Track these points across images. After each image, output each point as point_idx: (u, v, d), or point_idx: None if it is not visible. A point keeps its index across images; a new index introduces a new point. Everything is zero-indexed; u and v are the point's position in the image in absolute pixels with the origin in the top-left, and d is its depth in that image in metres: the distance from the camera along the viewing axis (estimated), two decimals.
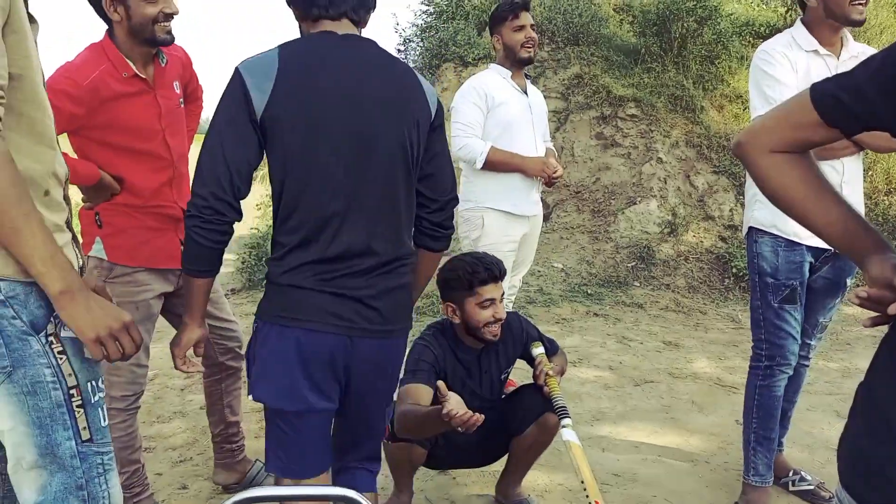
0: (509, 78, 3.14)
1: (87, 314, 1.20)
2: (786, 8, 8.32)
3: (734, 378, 3.96)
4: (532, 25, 3.08)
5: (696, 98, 7.02)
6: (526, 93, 3.17)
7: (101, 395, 1.33)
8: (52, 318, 1.24)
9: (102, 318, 1.22)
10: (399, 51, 9.49)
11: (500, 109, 3.05)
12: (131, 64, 2.08)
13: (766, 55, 2.31)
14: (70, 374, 1.26)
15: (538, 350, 2.37)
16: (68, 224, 1.35)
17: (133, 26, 2.04)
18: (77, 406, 1.27)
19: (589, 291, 5.63)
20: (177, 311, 2.33)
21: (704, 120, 6.86)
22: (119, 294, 2.11)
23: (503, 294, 2.31)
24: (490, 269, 2.24)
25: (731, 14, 7.93)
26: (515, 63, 3.12)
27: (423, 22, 9.78)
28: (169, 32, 2.09)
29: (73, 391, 1.27)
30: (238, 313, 5.47)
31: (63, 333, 1.26)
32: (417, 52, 9.16)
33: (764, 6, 9.10)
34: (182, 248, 1.60)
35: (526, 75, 3.26)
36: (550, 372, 2.26)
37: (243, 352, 2.45)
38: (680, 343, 4.62)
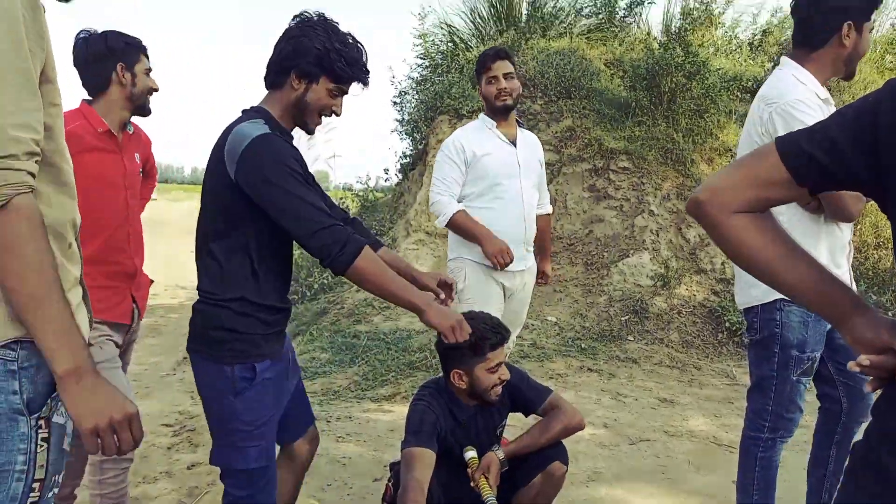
0: (494, 128, 3.08)
1: (90, 400, 1.11)
2: (773, 63, 8.53)
3: (731, 437, 3.91)
4: (508, 74, 3.01)
5: (686, 151, 7.12)
6: (515, 143, 3.10)
7: (56, 490, 1.22)
8: (49, 400, 1.16)
9: (106, 407, 1.13)
10: (395, 103, 9.64)
11: (481, 162, 3.01)
12: (107, 122, 2.29)
13: (802, 105, 2.09)
14: (41, 466, 1.15)
15: (469, 454, 2.31)
16: (80, 279, 1.31)
17: (134, 93, 2.31)
18: (31, 503, 1.15)
19: (583, 346, 5.60)
20: None
21: (695, 173, 6.95)
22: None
23: (507, 355, 2.30)
24: (499, 333, 2.23)
25: (720, 69, 8.11)
26: (496, 113, 3.07)
27: (418, 75, 9.97)
28: (149, 104, 2.40)
29: (35, 485, 1.15)
30: None
31: (55, 419, 1.17)
32: (413, 105, 9.30)
33: (751, 61, 9.32)
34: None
35: (519, 123, 3.18)
36: (478, 477, 2.22)
37: None
38: (675, 400, 4.58)
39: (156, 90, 2.39)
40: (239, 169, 1.74)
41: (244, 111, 1.92)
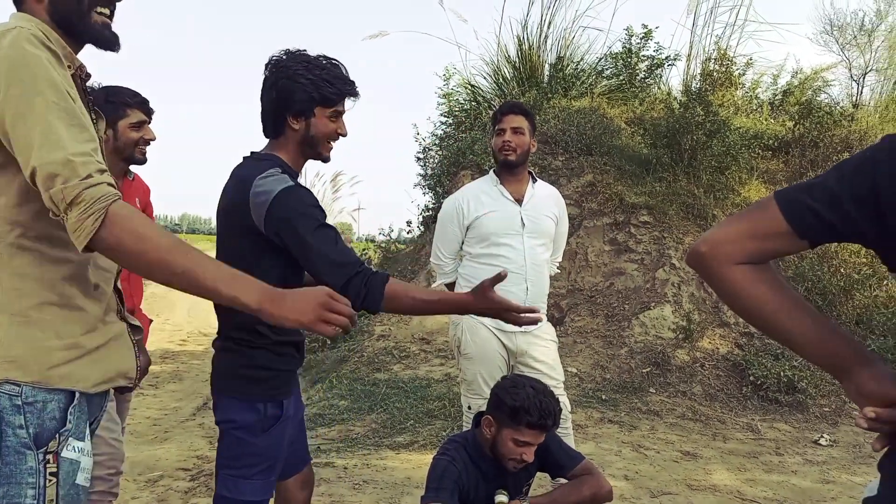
0: (499, 185, 3.00)
1: (294, 306, 1.22)
2: (794, 122, 8.61)
3: (755, 491, 3.81)
4: (517, 129, 2.92)
5: (707, 206, 7.15)
6: (521, 201, 3.00)
7: None
8: (57, 435, 1.17)
9: (310, 302, 1.24)
10: (418, 159, 9.86)
11: (480, 222, 2.95)
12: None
13: None
14: (51, 501, 1.16)
15: (500, 498, 2.27)
16: (121, 315, 1.36)
17: (118, 146, 2.39)
18: None
19: (603, 397, 5.53)
20: None
21: None
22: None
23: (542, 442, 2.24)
24: (543, 418, 2.16)
25: (740, 128, 8.20)
26: (501, 168, 3.01)
27: (441, 132, 10.21)
28: (144, 154, 2.48)
29: None
30: None
31: (64, 454, 1.18)
32: (436, 161, 9.50)
33: (772, 121, 9.41)
34: None
35: (533, 178, 3.08)
36: None
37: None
38: (698, 453, 4.48)
39: (149, 140, 2.46)
40: (267, 222, 1.77)
41: (255, 157, 1.93)
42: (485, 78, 10.60)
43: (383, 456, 4.28)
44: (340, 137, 1.97)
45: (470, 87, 10.68)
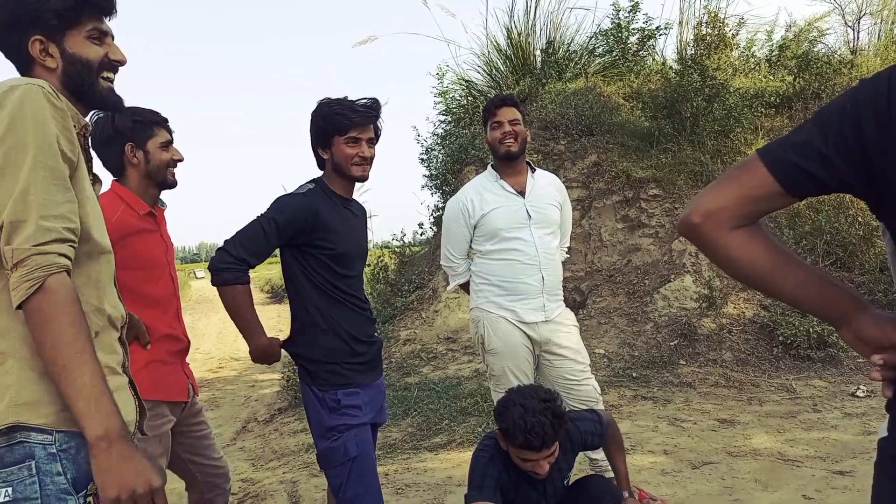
0: (499, 180, 2.99)
1: (117, 468, 1.14)
2: (793, 76, 8.52)
3: (796, 451, 3.79)
4: (513, 121, 2.92)
5: (715, 172, 7.11)
6: (523, 193, 2.99)
7: None
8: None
9: (131, 478, 1.15)
10: (422, 160, 9.89)
11: (487, 219, 2.95)
12: (145, 202, 2.26)
13: None
14: None
15: None
16: (124, 368, 1.37)
17: (149, 170, 2.26)
18: None
19: (634, 374, 5.53)
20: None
21: None
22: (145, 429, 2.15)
23: (553, 452, 2.18)
24: (529, 440, 2.07)
25: (739, 88, 8.14)
26: (502, 161, 2.99)
27: (442, 131, 10.23)
28: (174, 176, 2.34)
29: None
30: (286, 432, 5.49)
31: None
32: (440, 160, 9.52)
33: (771, 77, 9.32)
34: None
35: (531, 168, 3.07)
36: None
37: (229, 487, 2.52)
38: (735, 419, 4.47)
39: (178, 160, 2.33)
40: None
41: None
42: (478, 71, 10.63)
43: (423, 458, 4.32)
44: (366, 161, 2.28)
45: (464, 82, 10.69)
